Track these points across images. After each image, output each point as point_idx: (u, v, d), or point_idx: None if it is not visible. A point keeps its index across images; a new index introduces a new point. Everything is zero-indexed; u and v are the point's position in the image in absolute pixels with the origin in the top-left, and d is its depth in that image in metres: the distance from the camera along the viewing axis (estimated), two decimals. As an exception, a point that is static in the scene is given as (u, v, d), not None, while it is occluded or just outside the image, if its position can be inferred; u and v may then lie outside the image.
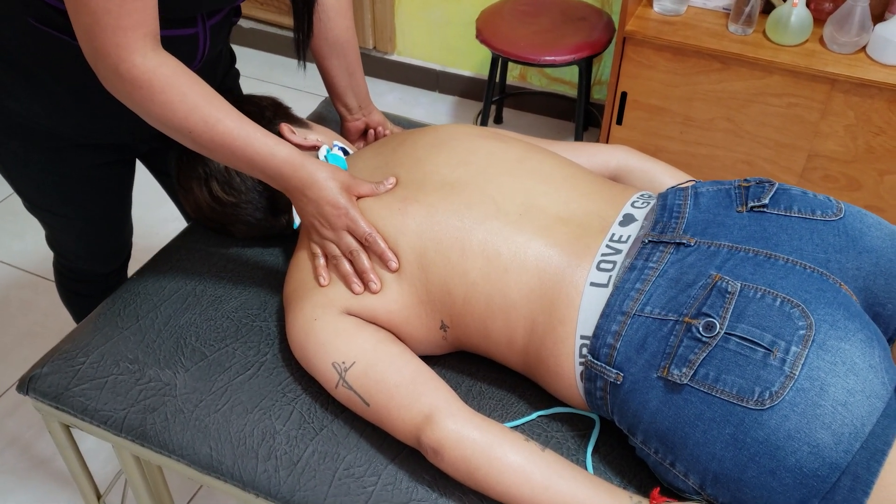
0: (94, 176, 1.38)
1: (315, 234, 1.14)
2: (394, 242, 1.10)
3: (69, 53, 1.16)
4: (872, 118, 2.09)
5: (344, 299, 1.11)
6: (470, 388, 1.17)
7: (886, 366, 0.89)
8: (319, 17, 1.36)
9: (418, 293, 1.09)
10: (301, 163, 1.09)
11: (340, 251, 1.12)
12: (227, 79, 1.52)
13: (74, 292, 1.67)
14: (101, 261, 1.59)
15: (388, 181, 1.15)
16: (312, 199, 1.11)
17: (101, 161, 1.37)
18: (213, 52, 1.32)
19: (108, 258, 1.59)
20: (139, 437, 1.15)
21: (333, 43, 1.40)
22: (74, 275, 1.63)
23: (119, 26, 0.99)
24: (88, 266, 1.60)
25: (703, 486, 0.92)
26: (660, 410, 0.93)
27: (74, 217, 1.45)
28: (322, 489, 1.06)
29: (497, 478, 0.96)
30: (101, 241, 1.54)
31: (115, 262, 1.61)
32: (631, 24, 2.24)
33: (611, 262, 1.03)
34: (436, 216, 1.09)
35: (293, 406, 1.14)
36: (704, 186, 1.09)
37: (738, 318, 0.91)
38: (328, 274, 1.13)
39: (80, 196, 1.40)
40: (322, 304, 1.11)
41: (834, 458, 0.85)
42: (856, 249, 0.99)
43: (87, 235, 1.51)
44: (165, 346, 1.22)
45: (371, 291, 1.11)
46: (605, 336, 0.98)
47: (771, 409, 0.86)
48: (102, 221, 1.49)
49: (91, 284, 1.64)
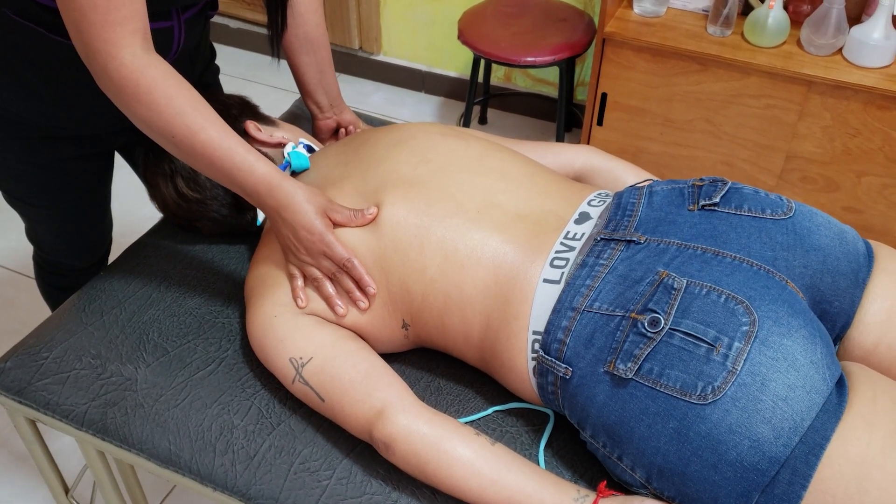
0: (71, 168, 1.39)
1: (292, 256, 1.13)
2: (353, 248, 1.11)
3: (45, 46, 1.16)
4: (849, 120, 2.10)
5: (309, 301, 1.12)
6: (428, 383, 1.17)
7: (828, 362, 0.90)
8: (292, 13, 1.37)
9: (380, 296, 1.10)
10: (279, 182, 1.08)
11: (321, 273, 1.12)
12: (206, 74, 1.52)
13: (54, 286, 1.68)
14: (79, 254, 1.59)
15: (369, 211, 1.11)
16: (288, 221, 1.09)
17: (78, 153, 1.37)
18: (189, 46, 1.32)
19: (86, 252, 1.59)
20: (100, 431, 1.15)
21: (304, 39, 1.40)
22: (53, 268, 1.64)
23: (107, 21, 0.99)
24: (67, 260, 1.60)
25: (650, 479, 0.93)
26: (606, 405, 0.94)
27: (52, 209, 1.45)
28: (278, 483, 1.07)
29: (446, 471, 0.96)
30: (80, 234, 1.54)
31: (93, 257, 1.62)
32: (610, 26, 2.25)
33: (564, 259, 1.04)
34: (394, 216, 1.10)
35: (252, 402, 1.15)
36: (660, 185, 1.10)
37: (682, 314, 0.92)
38: (306, 296, 1.12)
39: (57, 188, 1.41)
40: (283, 304, 1.12)
41: (773, 452, 0.85)
42: (803, 248, 1.00)
43: (66, 228, 1.51)
44: (128, 341, 1.23)
45: (359, 310, 1.11)
46: (555, 331, 0.98)
47: (713, 404, 0.87)
48: (80, 214, 1.49)
49: (70, 278, 1.64)
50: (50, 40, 1.17)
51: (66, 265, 1.62)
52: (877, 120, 2.07)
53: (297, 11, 1.38)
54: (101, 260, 1.66)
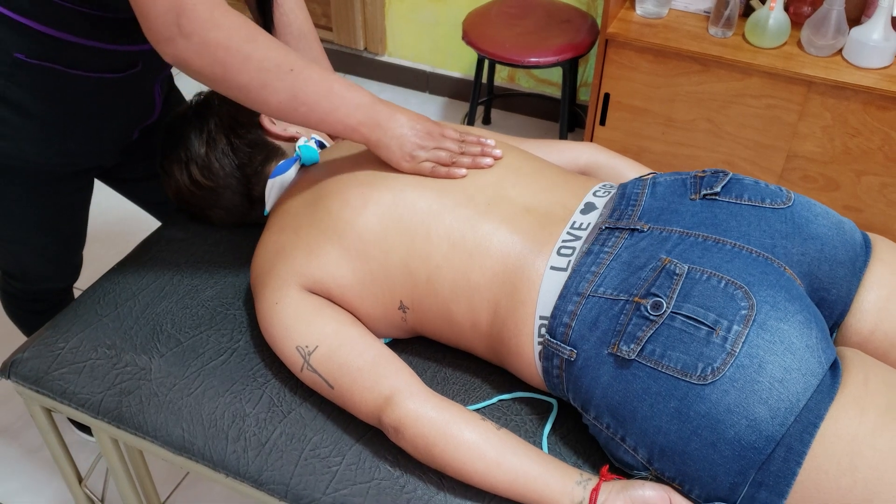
0: (69, 202, 1.41)
1: (419, 150, 1.15)
2: (349, 223, 1.13)
3: (60, 81, 1.18)
4: (849, 120, 2.12)
5: (296, 274, 1.13)
6: (435, 373, 1.20)
7: (823, 346, 0.93)
8: (283, 11, 1.39)
9: (374, 272, 1.12)
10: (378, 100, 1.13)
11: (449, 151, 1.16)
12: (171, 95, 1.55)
13: (31, 311, 1.64)
14: (66, 276, 1.59)
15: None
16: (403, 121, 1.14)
17: (76, 187, 1.39)
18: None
19: (72, 272, 1.59)
20: (115, 419, 1.18)
21: (298, 35, 1.43)
22: (32, 296, 1.61)
23: None
24: (54, 284, 1.59)
25: (651, 460, 0.96)
26: (610, 385, 0.96)
27: (50, 244, 1.45)
28: (288, 469, 1.09)
29: (452, 454, 0.99)
30: (69, 258, 1.55)
31: (74, 276, 1.62)
32: (613, 27, 2.28)
33: (570, 248, 1.06)
34: (402, 201, 1.12)
35: (263, 390, 1.17)
36: (663, 177, 1.13)
37: (684, 298, 0.94)
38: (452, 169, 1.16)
39: (55, 222, 1.41)
40: (278, 287, 1.14)
41: (770, 430, 0.88)
42: (801, 236, 1.03)
43: (59, 257, 1.51)
44: (142, 332, 1.26)
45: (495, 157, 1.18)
46: (561, 315, 1.01)
47: (712, 384, 0.90)
48: (72, 240, 1.50)
49: (48, 301, 1.63)
50: (65, 75, 1.18)
51: (50, 290, 1.60)
52: (876, 120, 2.10)
53: (288, 8, 1.40)
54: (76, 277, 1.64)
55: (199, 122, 1.29)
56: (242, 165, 1.29)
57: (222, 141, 1.28)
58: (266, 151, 1.30)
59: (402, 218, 1.11)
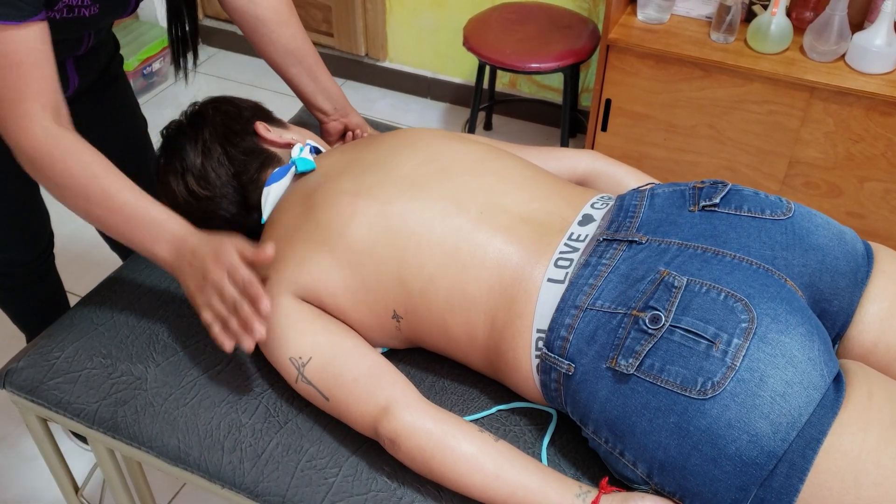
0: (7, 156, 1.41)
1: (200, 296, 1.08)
2: (338, 233, 1.12)
3: None
4: (851, 125, 2.11)
5: (287, 282, 1.13)
6: (433, 384, 1.19)
7: (826, 358, 0.92)
8: (262, 33, 1.41)
9: (365, 281, 1.11)
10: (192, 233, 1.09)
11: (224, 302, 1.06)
12: (112, 65, 1.56)
13: (6, 288, 1.68)
14: (25, 244, 1.60)
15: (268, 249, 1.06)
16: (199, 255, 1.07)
17: None
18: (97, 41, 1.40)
19: (32, 239, 1.60)
20: (110, 429, 1.17)
21: (284, 53, 1.44)
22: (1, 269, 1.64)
23: (17, 97, 1.03)
24: (16, 253, 1.61)
25: (651, 474, 0.94)
26: (609, 400, 0.95)
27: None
28: (285, 480, 1.08)
29: (450, 466, 0.98)
30: (22, 221, 1.56)
31: (39, 245, 1.63)
32: (614, 32, 2.27)
33: (568, 260, 1.05)
34: (391, 211, 1.11)
35: (259, 400, 1.16)
36: (661, 188, 1.12)
37: (683, 311, 0.93)
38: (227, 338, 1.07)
39: None
40: (270, 295, 1.12)
41: (771, 446, 0.87)
42: (802, 247, 1.01)
43: (7, 220, 1.53)
44: (138, 341, 1.25)
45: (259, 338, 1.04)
46: (559, 329, 1.00)
47: (713, 399, 0.89)
48: (18, 202, 1.51)
49: (17, 276, 1.65)
50: None
51: (16, 260, 1.63)
52: (879, 126, 2.09)
53: (269, 29, 1.42)
54: (45, 251, 1.67)
55: (193, 133, 1.29)
56: (238, 174, 1.28)
57: (217, 150, 1.27)
58: (262, 158, 1.29)
59: (390, 228, 1.10)
